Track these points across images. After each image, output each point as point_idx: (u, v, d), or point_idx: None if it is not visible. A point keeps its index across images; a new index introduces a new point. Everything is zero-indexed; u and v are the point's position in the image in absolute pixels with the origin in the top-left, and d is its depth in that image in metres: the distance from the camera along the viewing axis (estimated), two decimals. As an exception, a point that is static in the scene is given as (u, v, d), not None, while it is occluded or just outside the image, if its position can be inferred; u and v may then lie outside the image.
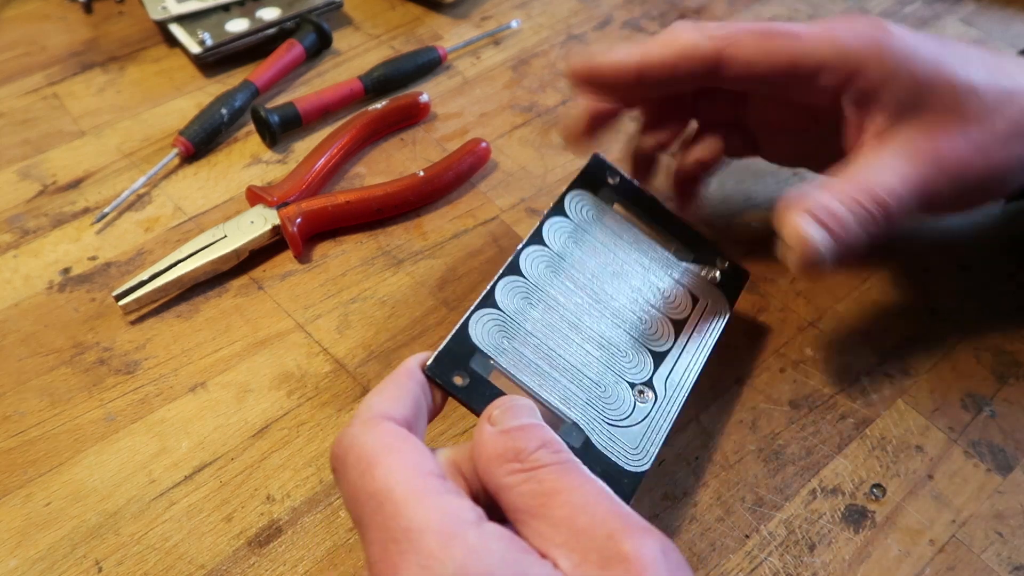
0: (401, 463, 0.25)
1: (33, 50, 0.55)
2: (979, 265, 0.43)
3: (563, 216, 0.36)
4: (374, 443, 0.26)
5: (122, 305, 0.40)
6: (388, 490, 0.25)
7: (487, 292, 0.33)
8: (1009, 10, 0.59)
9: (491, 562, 0.23)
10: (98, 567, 0.33)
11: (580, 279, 0.35)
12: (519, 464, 0.26)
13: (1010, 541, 0.34)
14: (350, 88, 0.51)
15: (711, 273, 0.38)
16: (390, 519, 0.24)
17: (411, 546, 0.23)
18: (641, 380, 0.33)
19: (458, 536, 0.23)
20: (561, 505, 0.25)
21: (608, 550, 0.24)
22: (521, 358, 0.32)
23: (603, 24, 0.58)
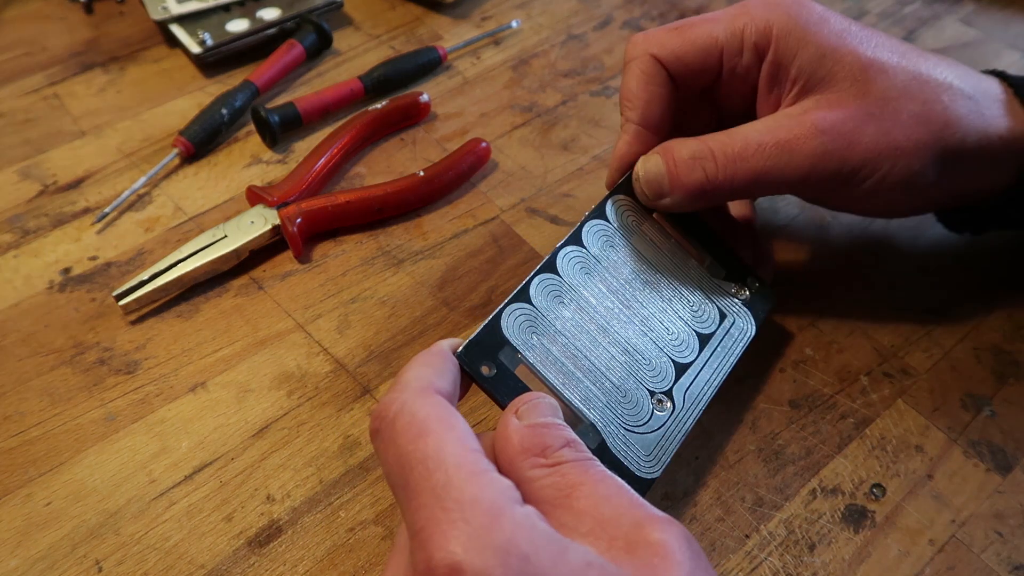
0: (453, 436, 0.26)
1: (34, 50, 0.55)
2: (979, 265, 0.43)
3: (604, 220, 0.37)
4: (427, 412, 0.26)
5: (122, 305, 0.40)
6: (440, 459, 0.25)
7: (522, 287, 0.33)
8: (1009, 10, 0.59)
9: (536, 538, 0.24)
10: (98, 567, 0.33)
11: (613, 284, 0.35)
12: (544, 459, 0.27)
13: (1010, 541, 0.34)
14: (350, 88, 0.51)
15: (741, 291, 0.38)
16: (440, 488, 0.25)
17: (462, 515, 0.24)
18: (661, 389, 0.34)
19: (506, 513, 0.24)
20: (585, 496, 0.26)
21: (634, 537, 0.25)
22: (548, 355, 0.32)
23: (603, 24, 0.58)
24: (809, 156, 0.34)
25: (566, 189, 0.47)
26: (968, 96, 0.35)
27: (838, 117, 0.34)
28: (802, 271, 0.43)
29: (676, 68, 0.37)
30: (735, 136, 0.35)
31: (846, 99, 0.34)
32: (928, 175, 0.35)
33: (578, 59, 0.55)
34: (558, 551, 0.24)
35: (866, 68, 0.34)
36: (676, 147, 0.36)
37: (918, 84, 0.34)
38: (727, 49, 0.36)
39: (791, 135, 0.34)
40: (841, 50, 0.34)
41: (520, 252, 0.44)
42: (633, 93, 0.37)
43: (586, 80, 0.53)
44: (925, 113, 0.34)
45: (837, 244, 0.44)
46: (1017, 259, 0.43)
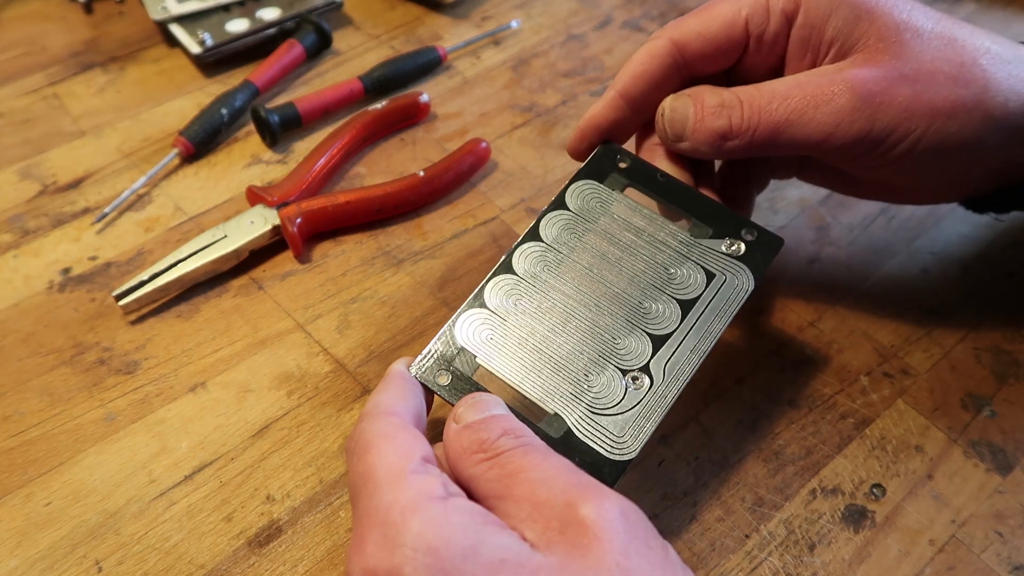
0: (391, 447, 0.27)
1: (33, 50, 0.55)
2: (979, 265, 0.43)
3: (563, 209, 0.36)
4: (373, 432, 0.28)
5: (122, 305, 0.40)
6: (372, 471, 0.26)
7: (476, 293, 0.34)
8: (1009, 10, 0.59)
9: (449, 532, 0.24)
10: (98, 567, 0.33)
11: (577, 270, 0.35)
12: (483, 454, 0.28)
13: (1010, 541, 0.34)
14: (350, 88, 0.51)
15: (734, 245, 0.36)
16: (368, 498, 0.26)
17: (378, 520, 0.25)
18: (636, 366, 0.33)
19: (420, 509, 0.25)
20: (522, 483, 0.26)
21: (566, 516, 0.25)
22: (506, 355, 0.32)
23: (603, 24, 0.58)
24: (836, 112, 0.33)
25: (566, 189, 0.47)
26: (1009, 61, 0.34)
27: (871, 75, 0.33)
28: (802, 271, 0.43)
29: (698, 46, 0.36)
30: (763, 88, 0.34)
31: (882, 59, 0.33)
32: (964, 143, 0.33)
33: (578, 59, 0.55)
34: (471, 544, 0.24)
35: (901, 30, 0.33)
36: (707, 93, 0.35)
37: (954, 48, 0.33)
38: (752, 18, 0.35)
39: (820, 89, 0.33)
40: (875, 12, 0.34)
41: (520, 252, 0.44)
42: (629, 65, 0.37)
43: (586, 80, 0.53)
44: (963, 75, 0.33)
45: (837, 244, 0.44)
46: (1017, 259, 0.43)
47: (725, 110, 0.34)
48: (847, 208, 0.46)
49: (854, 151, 0.34)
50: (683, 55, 0.36)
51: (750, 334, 0.40)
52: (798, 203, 0.46)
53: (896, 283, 0.43)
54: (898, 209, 0.46)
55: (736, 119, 0.34)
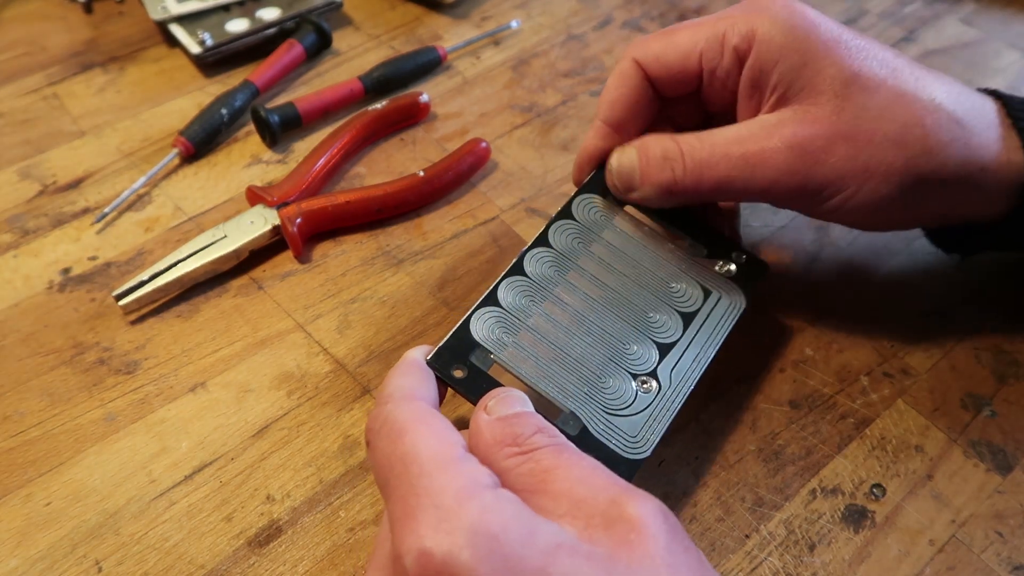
0: (429, 432, 0.27)
1: (33, 50, 0.55)
2: (979, 265, 0.43)
3: (570, 219, 0.37)
4: (407, 416, 0.28)
5: (122, 305, 0.40)
6: (415, 454, 0.26)
7: (489, 292, 0.34)
8: (1009, 10, 0.59)
9: (505, 519, 0.24)
10: (98, 567, 0.33)
11: (585, 277, 0.36)
12: (517, 448, 0.28)
13: (1010, 541, 0.34)
14: (350, 88, 0.51)
15: (726, 267, 0.38)
16: (415, 479, 0.25)
17: (431, 501, 0.25)
18: (645, 371, 0.34)
19: (475, 496, 0.25)
20: (560, 480, 0.26)
21: (610, 514, 0.25)
22: (521, 352, 0.33)
23: (603, 24, 0.58)
24: (773, 170, 0.34)
25: (566, 189, 0.47)
26: (956, 120, 0.34)
27: (809, 134, 0.33)
28: (802, 271, 0.43)
29: (656, 71, 0.37)
30: (705, 141, 0.35)
31: (821, 115, 0.33)
32: (896, 200, 0.34)
33: (578, 59, 0.55)
34: (528, 531, 0.24)
35: (848, 83, 0.33)
36: (651, 144, 0.36)
37: (901, 104, 0.33)
38: (706, 53, 0.36)
39: (758, 147, 0.34)
40: (825, 60, 0.34)
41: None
42: (606, 91, 0.38)
43: (586, 80, 0.53)
44: (902, 136, 0.33)
45: (837, 244, 0.44)
46: (1017, 259, 0.43)
47: (668, 162, 0.35)
48: (847, 208, 0.46)
49: (793, 202, 0.36)
50: (648, 76, 0.37)
51: (750, 334, 0.40)
52: (798, 203, 0.46)
53: (896, 283, 0.43)
54: (898, 209, 0.46)
55: (679, 173, 0.35)
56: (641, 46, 0.37)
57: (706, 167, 0.35)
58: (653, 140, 0.36)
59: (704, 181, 0.35)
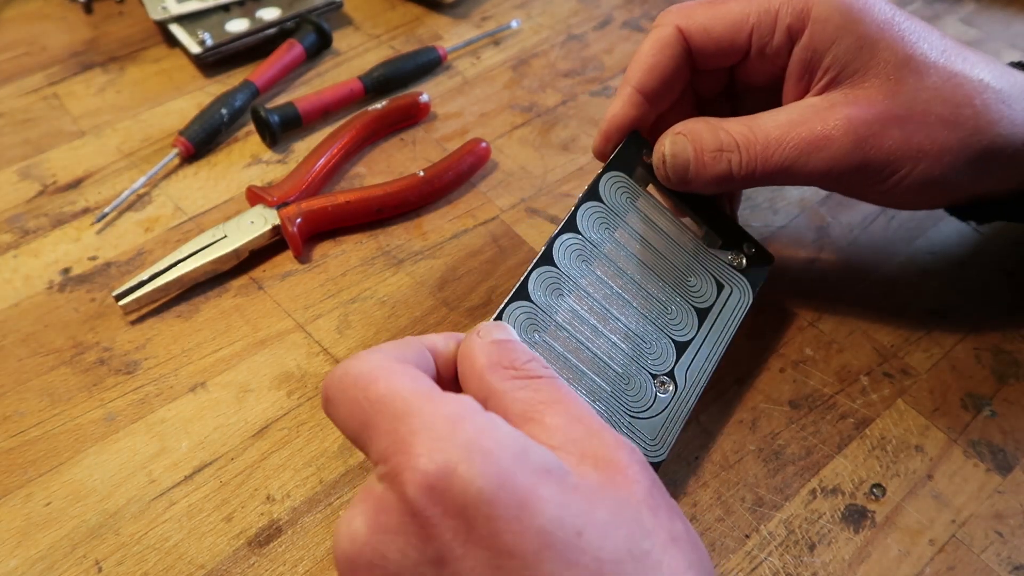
0: (402, 372, 0.26)
1: (33, 50, 0.55)
2: (979, 265, 0.43)
3: (597, 201, 0.36)
4: (373, 364, 0.27)
5: (122, 305, 0.40)
6: (395, 392, 0.25)
7: (520, 284, 0.33)
8: (1009, 10, 0.59)
9: (499, 436, 0.24)
10: (98, 567, 0.33)
11: (611, 269, 0.35)
12: (515, 371, 0.28)
13: (1010, 541, 0.34)
14: (350, 88, 0.51)
15: (737, 258, 0.37)
16: (402, 413, 0.25)
17: (423, 425, 0.24)
18: (663, 371, 0.34)
19: (468, 418, 0.25)
20: (557, 414, 0.27)
21: (600, 455, 0.26)
22: (551, 352, 0.32)
23: (603, 24, 0.58)
24: (830, 155, 0.34)
25: (566, 189, 0.47)
26: (1004, 100, 0.34)
27: (865, 116, 0.33)
28: (802, 271, 0.43)
29: (701, 41, 0.36)
30: (758, 131, 0.34)
31: (875, 96, 0.33)
32: (950, 178, 0.34)
33: (578, 59, 0.55)
34: (521, 449, 0.24)
35: (901, 66, 0.33)
36: (704, 134, 0.35)
37: (952, 85, 0.34)
38: (758, 27, 0.35)
39: (813, 133, 0.34)
40: (880, 43, 0.33)
41: (520, 252, 0.44)
42: (641, 57, 0.37)
43: (586, 80, 0.53)
44: (955, 117, 0.33)
45: (837, 244, 0.44)
46: (1017, 259, 0.43)
47: (724, 154, 0.35)
48: (847, 208, 0.46)
49: (847, 185, 0.36)
50: (689, 45, 0.36)
51: (750, 334, 0.40)
52: (798, 203, 0.46)
53: (896, 283, 0.43)
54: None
55: (736, 164, 0.35)
56: (685, 13, 0.36)
57: (762, 158, 0.34)
58: (705, 129, 0.35)
59: (761, 170, 0.34)
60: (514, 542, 0.23)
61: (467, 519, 0.23)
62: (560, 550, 0.23)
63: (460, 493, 0.23)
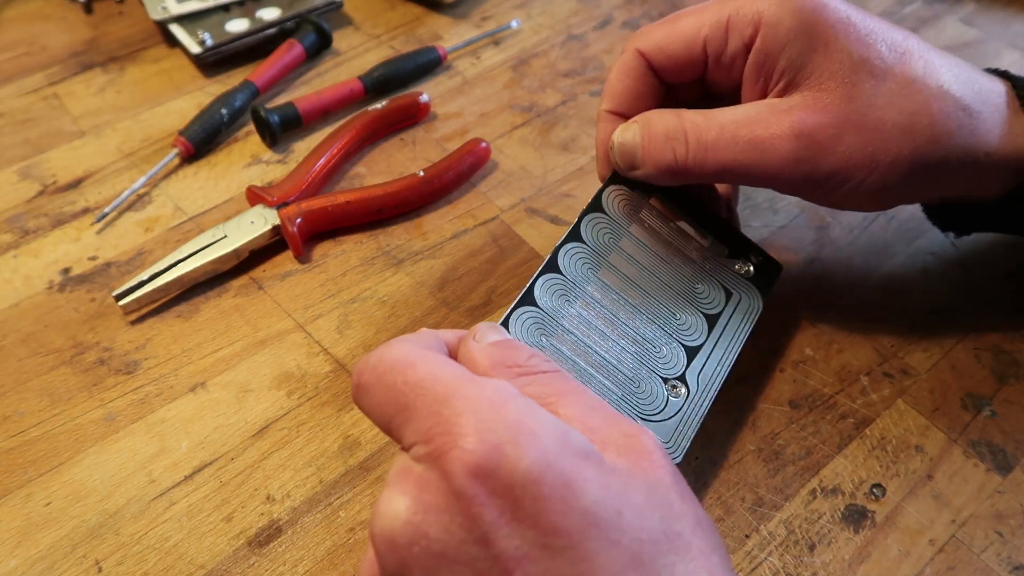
0: (438, 361, 0.27)
1: (33, 50, 0.55)
2: (979, 265, 0.43)
3: (600, 212, 0.37)
4: (406, 351, 0.27)
5: (122, 305, 0.40)
6: (435, 376, 0.26)
7: (527, 290, 0.33)
8: (1009, 10, 0.59)
9: (541, 419, 0.25)
10: (98, 567, 0.33)
11: (616, 275, 0.35)
12: (519, 368, 0.28)
13: (1010, 541, 0.34)
14: (350, 88, 0.51)
15: (744, 267, 0.38)
16: (443, 398, 0.25)
17: (467, 408, 0.25)
18: (674, 375, 0.34)
19: (509, 401, 0.25)
20: (570, 404, 0.27)
21: (624, 443, 0.26)
22: (559, 356, 0.33)
23: (603, 24, 0.58)
24: (781, 157, 0.33)
25: (566, 189, 0.47)
26: (964, 107, 0.33)
27: (818, 122, 0.33)
28: (802, 271, 0.43)
29: (660, 60, 0.37)
30: (712, 121, 0.34)
31: (830, 102, 0.33)
32: (901, 186, 0.34)
33: (578, 59, 0.55)
34: (563, 432, 0.25)
35: (856, 69, 0.33)
36: (654, 121, 0.35)
37: (909, 92, 0.33)
38: (710, 39, 0.35)
39: (767, 133, 0.33)
40: (833, 45, 0.33)
41: (520, 252, 0.44)
42: (610, 83, 0.38)
43: (586, 80, 0.53)
44: (910, 125, 0.33)
45: (837, 244, 0.44)
46: (1017, 259, 0.43)
47: (671, 142, 0.35)
48: (847, 208, 0.46)
49: (798, 189, 0.36)
50: (651, 64, 0.37)
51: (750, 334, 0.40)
52: (798, 203, 0.46)
53: (896, 283, 0.43)
54: (898, 209, 0.46)
55: (681, 153, 0.35)
56: (644, 36, 0.37)
57: (711, 149, 0.34)
58: (657, 117, 0.35)
59: (708, 163, 0.34)
60: (560, 521, 0.23)
61: (514, 498, 0.23)
62: (604, 529, 0.23)
63: (508, 473, 0.23)
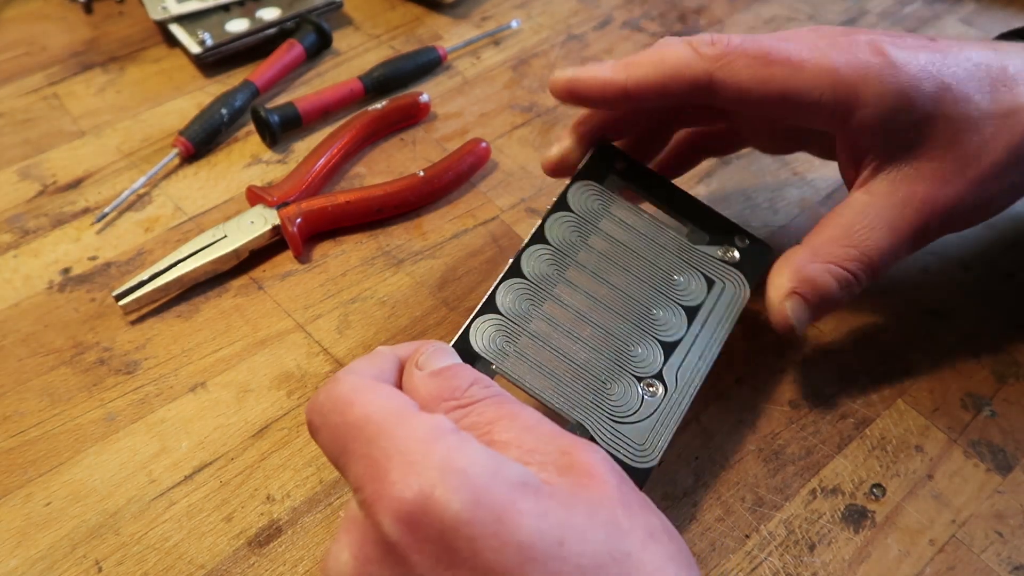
0: (375, 395, 0.27)
1: (33, 50, 0.55)
2: (979, 265, 0.43)
3: (567, 211, 0.35)
4: (348, 387, 0.27)
5: (122, 305, 0.40)
6: (367, 416, 0.26)
7: (487, 299, 0.33)
8: (1009, 10, 0.59)
9: (472, 455, 0.24)
10: (98, 567, 0.33)
11: (585, 274, 0.34)
12: (456, 401, 0.28)
13: (1010, 541, 0.34)
14: (350, 88, 0.51)
15: (729, 252, 0.36)
16: (375, 437, 0.25)
17: (396, 450, 0.24)
18: (650, 373, 0.33)
19: (440, 439, 0.25)
20: (506, 429, 0.27)
21: (562, 462, 0.26)
22: (524, 361, 0.32)
23: (603, 24, 0.58)
24: (918, 234, 0.34)
25: (566, 189, 0.47)
26: None
27: (946, 196, 0.33)
28: (802, 271, 0.43)
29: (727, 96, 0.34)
30: (864, 247, 0.34)
31: (942, 168, 0.33)
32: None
33: (578, 59, 0.55)
34: (495, 466, 0.24)
35: (958, 129, 0.33)
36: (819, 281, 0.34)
37: (1010, 123, 0.33)
38: (797, 102, 0.33)
39: (910, 226, 0.34)
40: (934, 117, 0.33)
41: (520, 252, 0.44)
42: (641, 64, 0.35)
43: (586, 80, 0.53)
44: (1012, 160, 0.33)
45: (837, 244, 0.44)
46: (1017, 260, 0.43)
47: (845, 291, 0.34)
48: (847, 208, 0.46)
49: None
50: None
51: (750, 334, 0.40)
52: (798, 203, 0.46)
53: (896, 283, 0.43)
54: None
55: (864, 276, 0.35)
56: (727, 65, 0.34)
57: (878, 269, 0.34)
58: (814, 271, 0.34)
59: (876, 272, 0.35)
60: (495, 559, 0.23)
61: (446, 543, 0.23)
62: (542, 562, 0.23)
63: (438, 518, 0.23)
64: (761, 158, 0.48)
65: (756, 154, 0.49)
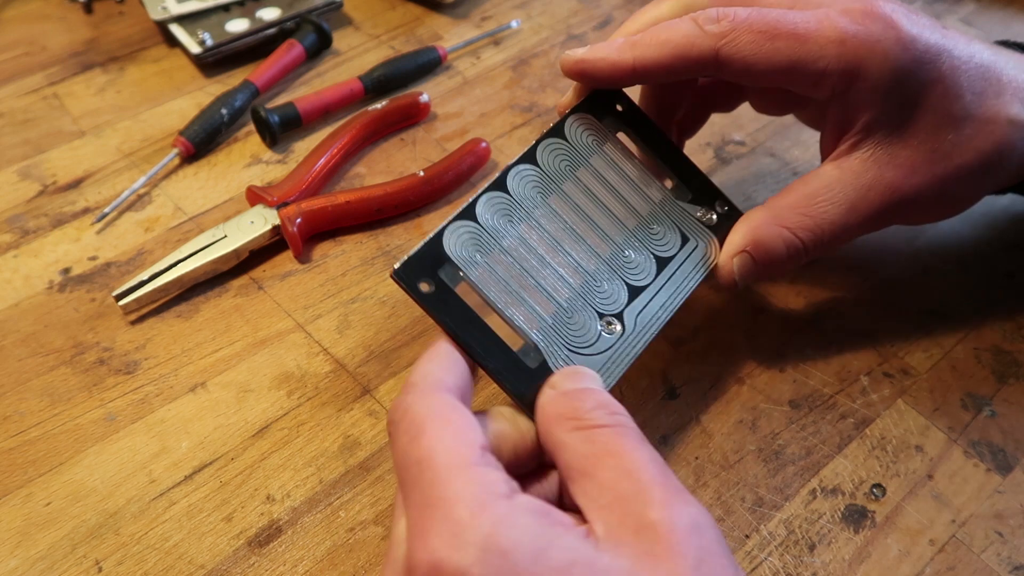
0: (448, 432, 0.26)
1: (33, 50, 0.55)
2: (979, 265, 0.43)
3: (561, 138, 0.35)
4: (426, 412, 0.27)
5: (122, 305, 0.40)
6: (430, 458, 0.25)
7: (468, 204, 0.32)
8: (1009, 10, 0.59)
9: (517, 533, 0.24)
10: (98, 567, 0.33)
11: (568, 204, 0.34)
12: (577, 422, 0.27)
13: (1010, 541, 0.34)
14: (350, 88, 0.51)
15: (708, 215, 0.37)
16: (428, 486, 0.25)
17: (443, 514, 0.24)
18: (612, 312, 0.33)
19: (488, 507, 0.24)
20: (610, 468, 0.26)
21: (645, 518, 0.24)
22: (491, 274, 0.32)
23: (603, 24, 0.58)
24: (876, 218, 0.35)
25: (566, 189, 0.47)
26: None
27: (911, 186, 0.34)
28: (802, 271, 0.43)
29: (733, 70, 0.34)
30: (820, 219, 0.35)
31: (915, 157, 0.34)
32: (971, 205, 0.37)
33: (578, 59, 0.55)
34: (541, 547, 0.23)
35: (940, 121, 0.34)
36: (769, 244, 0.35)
37: (986, 133, 0.34)
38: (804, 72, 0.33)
39: (870, 208, 0.34)
40: (922, 103, 0.33)
41: (520, 252, 0.44)
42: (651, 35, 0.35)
43: (586, 80, 0.53)
44: (986, 164, 0.34)
45: (837, 244, 0.44)
46: (1017, 260, 0.43)
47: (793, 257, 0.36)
48: (847, 208, 0.46)
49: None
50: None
51: (750, 334, 0.40)
52: (798, 203, 0.46)
53: (896, 283, 0.43)
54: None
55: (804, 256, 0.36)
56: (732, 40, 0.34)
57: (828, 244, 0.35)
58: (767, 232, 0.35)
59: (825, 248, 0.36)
60: None
61: None
62: None
63: None
64: (761, 158, 0.48)
65: (756, 154, 0.49)
